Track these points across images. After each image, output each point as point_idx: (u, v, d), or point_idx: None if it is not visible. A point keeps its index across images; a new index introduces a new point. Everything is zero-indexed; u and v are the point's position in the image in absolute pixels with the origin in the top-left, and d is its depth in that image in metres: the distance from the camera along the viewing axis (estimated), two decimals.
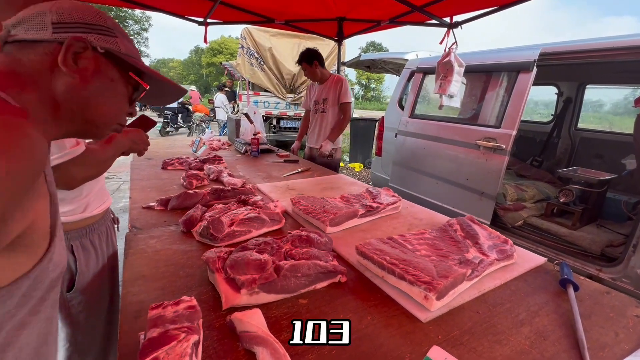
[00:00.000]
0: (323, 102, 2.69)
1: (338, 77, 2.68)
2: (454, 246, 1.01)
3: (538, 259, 1.04)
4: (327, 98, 2.66)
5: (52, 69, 0.47)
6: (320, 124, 2.75)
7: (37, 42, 0.46)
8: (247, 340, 0.61)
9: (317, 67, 2.61)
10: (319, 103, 2.72)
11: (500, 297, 0.83)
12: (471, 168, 2.49)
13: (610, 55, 1.99)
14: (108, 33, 0.52)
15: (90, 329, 1.01)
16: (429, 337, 0.68)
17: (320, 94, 2.71)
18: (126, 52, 0.54)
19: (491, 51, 2.65)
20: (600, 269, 1.93)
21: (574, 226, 2.30)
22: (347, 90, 2.61)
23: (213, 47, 37.47)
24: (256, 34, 6.63)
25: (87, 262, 0.96)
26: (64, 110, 0.50)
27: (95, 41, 0.50)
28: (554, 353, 0.65)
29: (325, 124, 2.72)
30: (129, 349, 0.60)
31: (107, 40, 0.52)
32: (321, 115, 2.73)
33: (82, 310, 0.96)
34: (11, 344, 0.39)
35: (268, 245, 0.89)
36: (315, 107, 2.76)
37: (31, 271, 0.40)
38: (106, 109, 0.55)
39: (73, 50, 0.47)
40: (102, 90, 0.53)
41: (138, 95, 0.61)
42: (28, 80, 0.46)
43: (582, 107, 3.60)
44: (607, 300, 0.84)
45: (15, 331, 0.40)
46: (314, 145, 2.79)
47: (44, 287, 0.43)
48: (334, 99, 2.64)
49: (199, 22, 2.93)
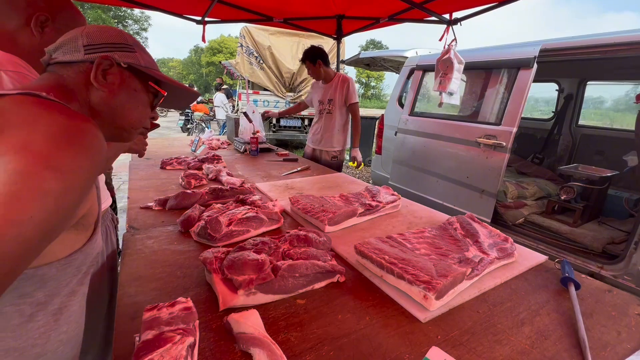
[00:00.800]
0: (329, 103, 2.59)
1: (344, 76, 2.57)
2: (454, 245, 1.00)
3: (539, 257, 1.03)
4: (332, 99, 2.56)
5: (87, 84, 0.56)
6: (326, 125, 2.63)
7: (74, 62, 0.55)
8: (244, 342, 0.60)
9: (320, 66, 2.51)
10: (324, 103, 2.61)
11: (501, 296, 0.82)
12: (471, 166, 2.47)
13: (612, 51, 1.97)
14: (129, 49, 0.60)
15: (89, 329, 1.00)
16: (428, 337, 0.67)
17: (325, 94, 2.59)
18: (145, 65, 0.62)
19: (491, 48, 2.64)
20: (601, 266, 1.92)
21: (575, 223, 2.29)
22: (354, 91, 2.54)
23: (212, 46, 37.42)
24: (255, 32, 6.61)
25: None
26: (98, 118, 0.58)
27: (119, 58, 0.58)
28: (555, 352, 0.64)
29: (332, 125, 2.61)
30: (124, 350, 0.59)
31: (129, 56, 0.59)
32: (327, 117, 2.61)
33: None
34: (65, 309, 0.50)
35: (266, 245, 0.89)
36: (321, 108, 2.64)
37: (83, 247, 0.50)
38: (132, 115, 0.63)
39: (102, 68, 0.56)
40: (128, 99, 0.61)
41: (158, 101, 0.69)
42: (71, 93, 0.54)
43: (583, 103, 3.58)
44: (609, 299, 0.83)
45: (68, 297, 0.50)
46: (319, 147, 2.69)
47: (88, 262, 0.53)
48: (341, 100, 2.54)
49: (197, 21, 2.91)
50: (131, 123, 0.63)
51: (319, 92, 2.65)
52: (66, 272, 0.48)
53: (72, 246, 0.48)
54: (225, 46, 36.40)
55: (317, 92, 2.69)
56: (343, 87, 2.53)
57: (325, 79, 2.60)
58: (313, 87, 2.77)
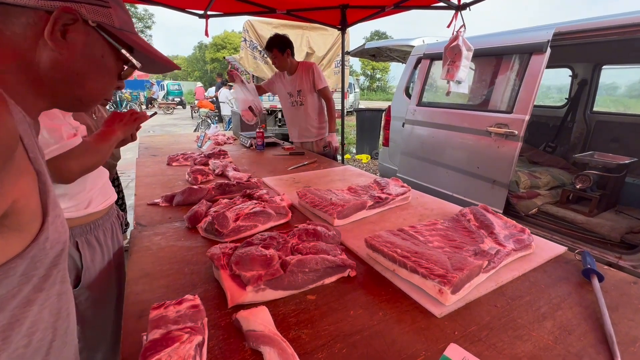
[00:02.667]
0: (298, 95, 2.54)
1: (306, 63, 2.52)
2: (468, 237, 0.97)
3: (558, 248, 0.99)
4: (301, 89, 2.51)
5: (36, 40, 0.43)
6: (300, 117, 2.60)
7: (21, 7, 0.41)
8: (254, 340, 0.58)
9: (289, 56, 2.43)
10: (294, 96, 2.57)
11: (519, 290, 0.79)
12: (482, 156, 2.41)
13: (629, 32, 1.88)
14: (102, 3, 0.47)
15: (98, 326, 1.00)
16: (445, 333, 0.64)
17: (293, 85, 2.54)
18: (120, 26, 0.50)
19: (502, 33, 2.55)
20: (619, 256, 1.86)
21: (591, 213, 2.22)
22: (320, 75, 2.48)
23: (216, 42, 37.34)
24: (259, 26, 6.55)
25: (93, 258, 0.95)
26: (47, 85, 0.46)
27: (86, 13, 0.45)
28: (581, 348, 0.61)
29: (306, 115, 2.58)
30: (132, 349, 0.58)
31: (100, 13, 0.47)
32: (299, 109, 2.58)
33: (90, 306, 0.95)
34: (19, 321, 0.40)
35: (274, 239, 0.86)
36: (290, 100, 2.60)
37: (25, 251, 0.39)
38: (94, 86, 0.51)
39: (61, 22, 0.43)
40: (91, 67, 0.49)
41: (129, 71, 0.57)
42: (9, 51, 0.42)
43: (597, 89, 3.45)
44: (634, 291, 0.79)
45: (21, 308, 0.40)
46: (303, 140, 2.68)
47: (45, 265, 0.42)
48: (310, 88, 2.50)
49: (199, 15, 2.88)
50: (91, 95, 0.52)
51: (286, 85, 2.58)
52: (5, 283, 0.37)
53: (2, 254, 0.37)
54: (229, 42, 36.29)
55: (282, 84, 2.61)
56: (308, 74, 2.47)
57: (290, 70, 2.52)
58: (276, 78, 2.66)
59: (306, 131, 2.64)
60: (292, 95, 2.57)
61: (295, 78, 2.51)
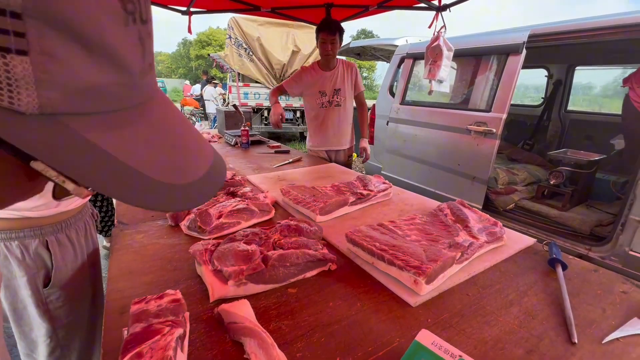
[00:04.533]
0: (335, 94, 2.21)
1: (348, 61, 2.24)
2: (445, 230, 1.01)
3: (527, 240, 1.05)
4: (340, 88, 2.21)
5: None
6: (333, 121, 2.28)
7: None
8: (235, 331, 0.60)
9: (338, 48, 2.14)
10: (327, 95, 2.21)
11: (490, 279, 0.84)
12: (463, 153, 2.49)
13: (599, 35, 1.98)
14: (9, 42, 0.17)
15: (72, 325, 0.99)
16: (419, 321, 0.68)
17: (329, 83, 2.20)
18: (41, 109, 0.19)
19: (480, 34, 2.63)
20: (589, 248, 1.96)
21: (564, 207, 2.33)
22: (360, 76, 2.31)
23: (201, 39, 36.68)
24: (244, 23, 6.49)
25: (64, 257, 0.94)
26: None
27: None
28: (542, 331, 0.65)
29: (342, 120, 2.29)
30: (113, 345, 0.59)
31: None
32: (333, 111, 2.25)
33: (62, 305, 0.94)
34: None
35: (256, 235, 0.88)
36: (321, 100, 2.22)
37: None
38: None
39: None
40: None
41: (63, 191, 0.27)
42: None
43: (571, 89, 3.60)
44: (595, 278, 0.85)
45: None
46: (333, 147, 2.35)
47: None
48: (350, 89, 2.23)
49: (182, 12, 2.84)
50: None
51: (319, 81, 2.21)
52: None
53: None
54: (214, 38, 35.72)
55: (313, 79, 2.22)
56: (351, 74, 2.23)
57: (330, 65, 2.21)
58: (305, 73, 2.25)
59: (338, 138, 2.34)
60: (325, 95, 2.21)
61: (334, 75, 2.20)
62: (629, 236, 1.78)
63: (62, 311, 0.95)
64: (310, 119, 2.37)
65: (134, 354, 0.49)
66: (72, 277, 0.96)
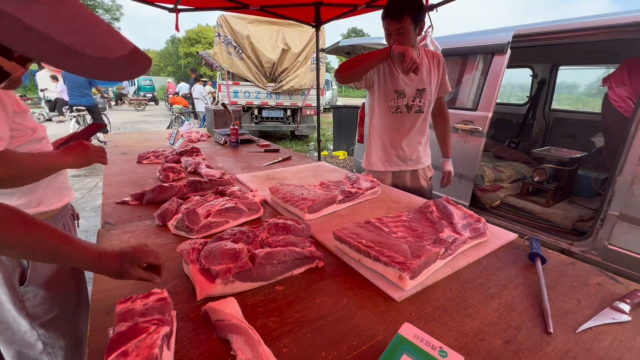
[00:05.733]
0: (418, 96, 1.59)
1: (430, 50, 1.66)
2: (430, 227, 1.03)
3: (509, 235, 1.08)
4: (425, 88, 1.60)
5: None
6: (417, 130, 1.68)
7: None
8: (222, 329, 0.61)
9: (418, 34, 1.51)
10: (406, 97, 1.59)
11: (473, 274, 0.86)
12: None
13: (581, 36, 2.04)
14: None
15: (54, 323, 0.99)
16: (403, 315, 0.70)
17: (412, 80, 1.58)
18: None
19: (466, 34, 2.67)
20: (571, 243, 2.03)
21: (548, 204, 2.40)
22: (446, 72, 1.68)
23: (190, 36, 36.18)
24: (233, 21, 6.44)
25: None
26: None
27: None
28: (520, 322, 0.68)
29: (420, 131, 1.70)
30: (99, 345, 0.59)
31: None
32: (410, 118, 1.64)
33: (41, 303, 0.94)
34: None
35: (244, 234, 0.89)
36: (395, 103, 1.61)
37: None
38: None
39: None
40: None
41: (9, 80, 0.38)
42: None
43: (555, 88, 3.70)
44: (571, 271, 0.88)
45: None
46: (392, 168, 1.73)
47: None
48: (435, 89, 1.64)
49: (169, 9, 2.80)
50: None
51: (395, 78, 1.59)
52: None
53: None
54: (204, 36, 35.27)
55: (388, 75, 1.59)
56: (438, 67, 1.62)
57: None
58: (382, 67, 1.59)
59: (409, 153, 1.71)
60: (404, 96, 1.60)
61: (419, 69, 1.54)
62: (608, 231, 1.85)
63: (40, 309, 0.94)
64: (372, 125, 1.74)
65: (119, 353, 0.49)
66: (51, 277, 0.96)
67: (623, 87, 2.31)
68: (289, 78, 7.07)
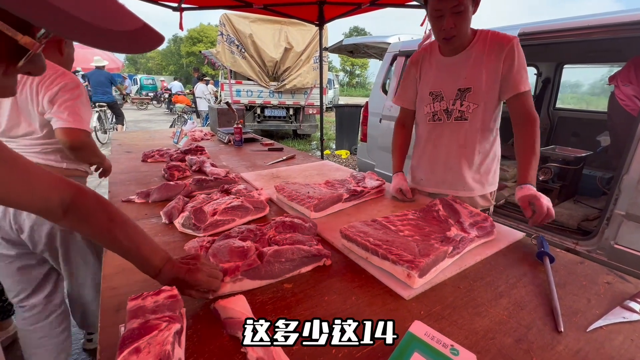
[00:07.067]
0: (461, 97, 1.24)
1: (494, 33, 1.20)
2: (437, 225, 1.03)
3: (516, 234, 1.07)
4: (471, 87, 1.22)
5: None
6: (459, 146, 1.30)
7: None
8: (231, 326, 0.61)
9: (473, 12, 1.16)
10: (445, 98, 1.27)
11: (481, 272, 0.86)
12: None
13: (586, 34, 2.02)
14: None
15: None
16: (412, 313, 0.69)
17: (451, 77, 1.26)
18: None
19: None
20: (577, 242, 2.02)
21: (553, 203, 2.38)
22: (524, 63, 1.18)
23: (192, 35, 36.22)
24: (235, 20, 6.44)
25: None
26: None
27: None
28: (530, 321, 0.68)
29: (464, 144, 1.29)
30: (110, 341, 0.59)
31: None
32: (460, 128, 1.28)
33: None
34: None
35: (251, 232, 0.89)
36: (435, 108, 1.30)
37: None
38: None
39: None
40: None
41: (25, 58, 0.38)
42: None
43: (560, 87, 3.68)
44: (580, 270, 0.88)
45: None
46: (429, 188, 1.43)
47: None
48: (493, 85, 1.20)
49: (173, 8, 2.81)
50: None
51: (433, 74, 1.31)
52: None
53: None
54: (206, 35, 35.31)
55: (427, 70, 1.33)
56: (499, 56, 1.17)
57: (457, 47, 1.23)
58: (414, 66, 1.38)
59: (450, 177, 1.36)
60: (442, 98, 1.28)
61: (465, 60, 1.23)
62: (614, 230, 1.84)
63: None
64: (416, 136, 1.47)
65: (132, 349, 0.49)
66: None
67: (630, 85, 2.29)
68: (291, 77, 7.07)
